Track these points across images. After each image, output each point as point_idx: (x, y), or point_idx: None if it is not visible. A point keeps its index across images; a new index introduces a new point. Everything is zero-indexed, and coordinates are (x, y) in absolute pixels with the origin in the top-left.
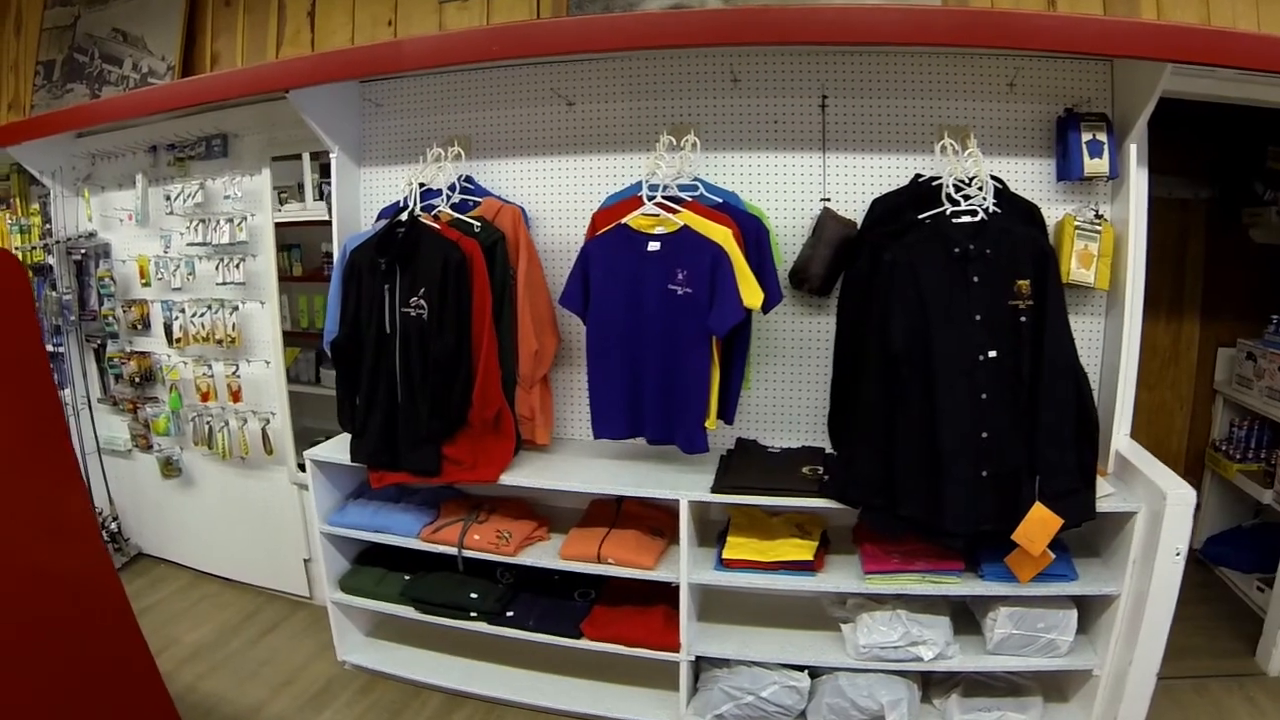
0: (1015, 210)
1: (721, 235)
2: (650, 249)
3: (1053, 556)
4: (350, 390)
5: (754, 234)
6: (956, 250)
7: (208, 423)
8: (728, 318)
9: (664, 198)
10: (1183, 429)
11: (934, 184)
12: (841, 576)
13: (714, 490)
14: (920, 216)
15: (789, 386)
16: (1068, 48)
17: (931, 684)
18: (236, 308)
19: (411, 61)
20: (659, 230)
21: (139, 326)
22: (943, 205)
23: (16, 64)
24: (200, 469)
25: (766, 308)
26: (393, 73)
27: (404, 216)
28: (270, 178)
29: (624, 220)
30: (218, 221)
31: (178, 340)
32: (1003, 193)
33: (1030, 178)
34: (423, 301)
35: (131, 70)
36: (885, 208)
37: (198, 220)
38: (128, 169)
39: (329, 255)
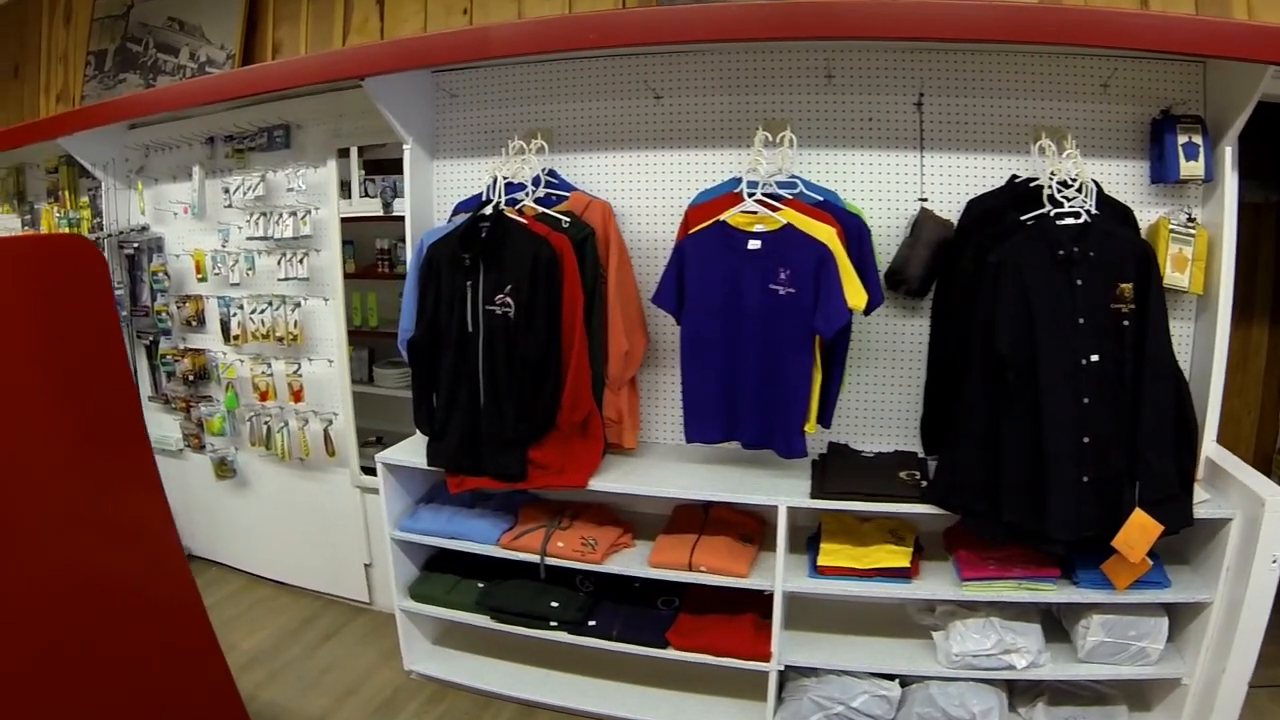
0: (1112, 212)
1: (826, 234)
2: (750, 247)
3: (1150, 564)
4: (427, 391)
5: (855, 233)
6: (1061, 253)
7: (266, 423)
8: (834, 319)
9: (764, 195)
10: (1250, 435)
11: (1031, 185)
12: (938, 583)
13: (814, 496)
14: (1023, 218)
15: (879, 390)
16: (1176, 48)
17: (1015, 692)
18: (299, 304)
19: (500, 48)
20: (759, 228)
21: (193, 323)
22: (1043, 207)
23: (66, 55)
24: (256, 470)
25: (869, 309)
26: (479, 60)
27: (488, 210)
28: (336, 170)
29: (722, 217)
30: (280, 215)
31: (235, 337)
32: (1099, 195)
33: (1122, 180)
34: (509, 299)
35: (189, 60)
36: (983, 209)
37: (258, 214)
38: (183, 161)
39: (382, 252)
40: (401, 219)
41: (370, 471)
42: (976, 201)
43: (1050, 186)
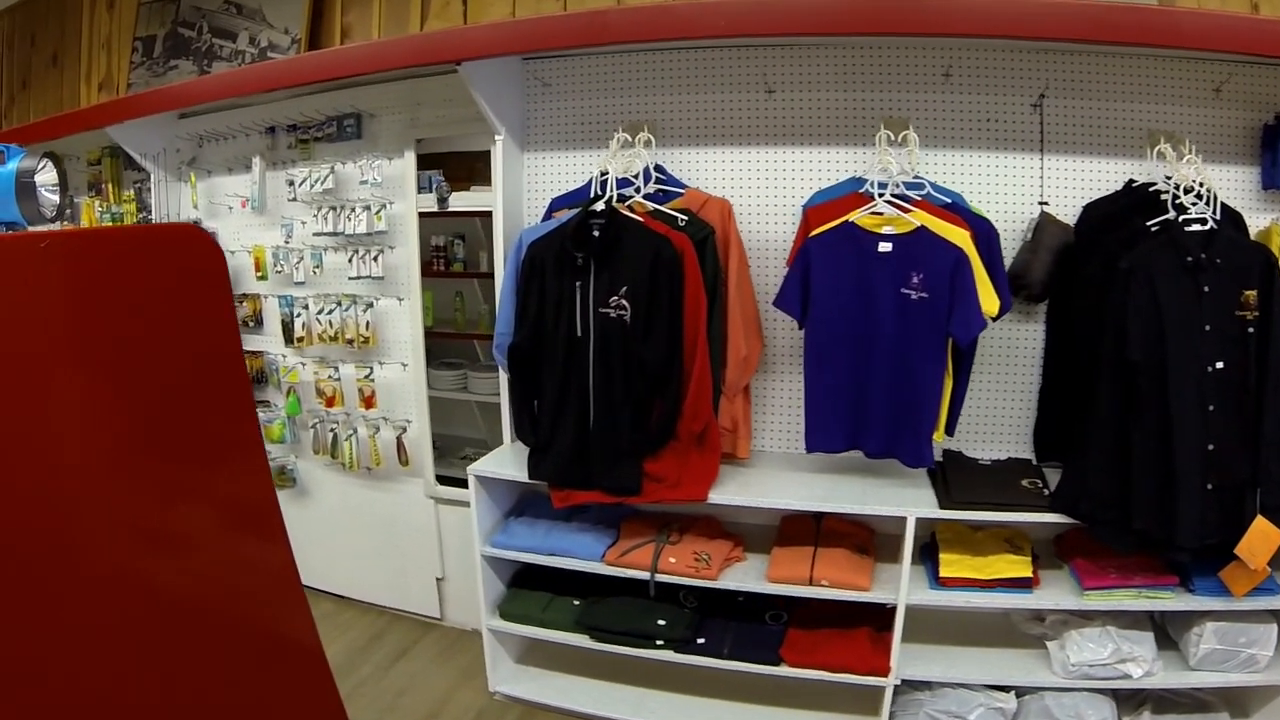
0: (1228, 218)
1: (960, 238)
2: (881, 250)
3: (1269, 571)
4: (528, 400)
5: (985, 236)
6: (1189, 259)
7: (332, 430)
8: (972, 325)
9: (892, 196)
10: None
11: (1150, 190)
12: (1059, 592)
13: (944, 506)
14: (1149, 224)
15: (991, 396)
16: None
17: (1119, 701)
18: (370, 304)
19: (617, 34)
20: (887, 230)
21: (250, 323)
22: (1164, 212)
23: (109, 41)
24: (318, 479)
25: (998, 315)
26: (593, 46)
27: (598, 207)
28: (414, 161)
29: (849, 218)
30: (353, 209)
31: (299, 339)
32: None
33: (1233, 185)
34: (624, 301)
35: (248, 45)
36: (1102, 213)
37: (327, 208)
38: (240, 151)
39: (438, 249)
40: (460, 214)
41: (447, 481)
42: (1094, 206)
43: (1173, 192)
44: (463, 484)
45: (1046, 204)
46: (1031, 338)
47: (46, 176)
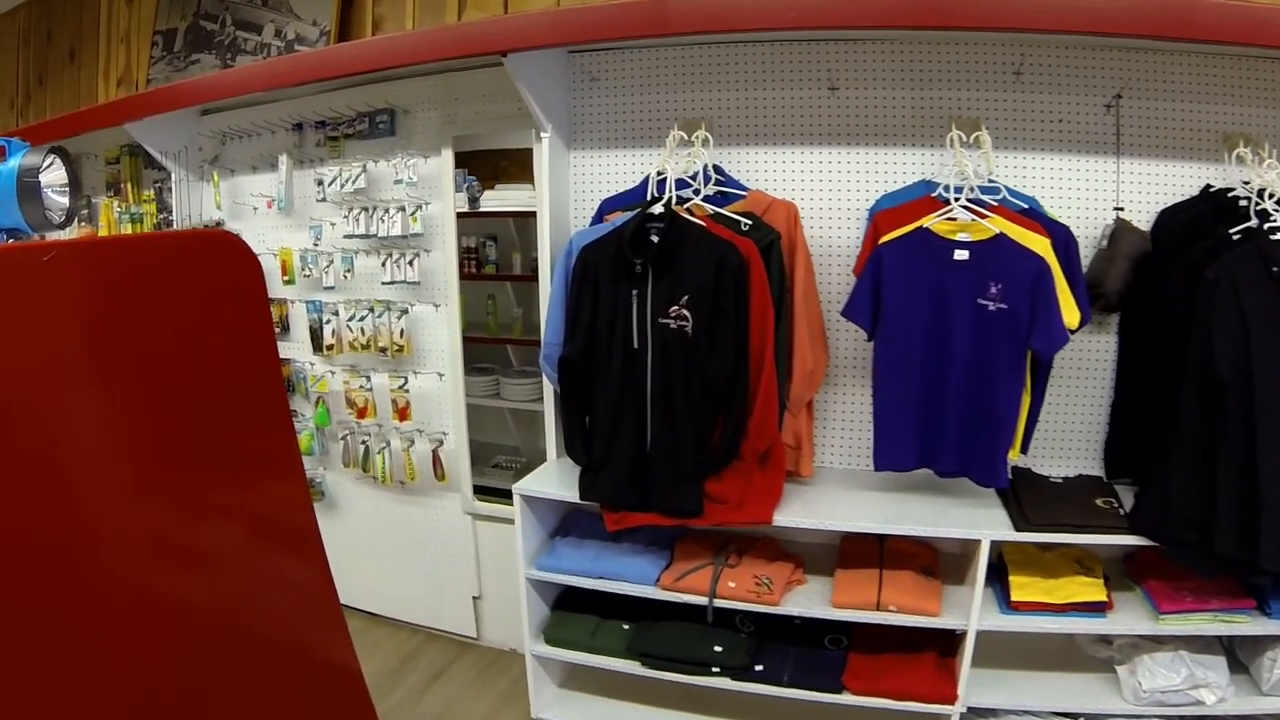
0: None
1: (1041, 245)
2: (957, 258)
3: None
4: (580, 415)
5: (1064, 244)
6: (1275, 269)
7: (363, 443)
8: (1055, 339)
9: (968, 200)
10: None
11: (1229, 195)
12: (1132, 616)
13: (1020, 528)
14: (1231, 232)
15: (1060, 410)
16: None
17: None
18: (405, 311)
19: (680, 24)
20: (962, 236)
21: (277, 329)
22: (1244, 219)
23: (128, 35)
24: (348, 493)
25: (1077, 327)
26: (651, 37)
27: (657, 210)
28: (451, 160)
29: (923, 223)
30: (387, 210)
31: (328, 347)
32: None
33: None
34: (686, 311)
35: (274, 37)
36: (1180, 220)
37: (358, 208)
38: (266, 149)
39: (469, 251)
40: (493, 215)
41: (482, 491)
42: (1170, 212)
43: (1253, 198)
44: (499, 493)
45: (1122, 209)
46: (1103, 349)
47: (53, 175)
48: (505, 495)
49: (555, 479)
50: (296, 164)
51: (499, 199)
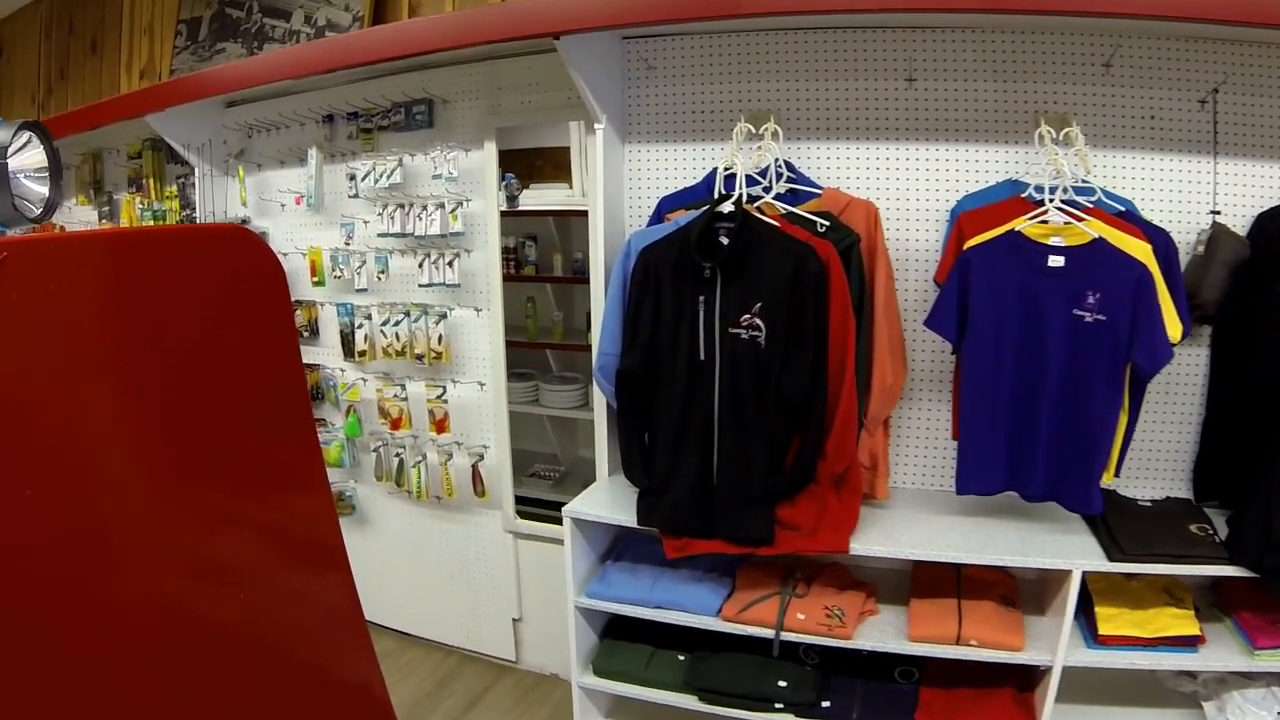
0: None
1: (1142, 251)
2: (1052, 264)
3: None
4: (638, 433)
5: (1163, 250)
6: None
7: (397, 455)
8: (1159, 354)
9: (1063, 201)
10: None
11: None
12: (1225, 651)
13: (1114, 558)
14: None
15: (1144, 428)
16: None
17: None
18: (444, 315)
19: (750, 5)
20: (1056, 241)
21: (305, 333)
22: None
23: (150, 26)
24: (380, 508)
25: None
26: (725, 18)
27: (726, 208)
28: (495, 154)
29: (1015, 226)
30: (425, 207)
31: (360, 353)
32: None
33: None
34: (758, 320)
35: (303, 24)
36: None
37: (394, 205)
38: (294, 142)
39: (508, 250)
40: (530, 214)
41: (524, 504)
42: (1270, 216)
43: None
44: (537, 503)
45: (1219, 213)
46: (1192, 363)
47: (29, 158)
48: (544, 506)
49: (608, 499)
50: (327, 158)
51: (538, 198)
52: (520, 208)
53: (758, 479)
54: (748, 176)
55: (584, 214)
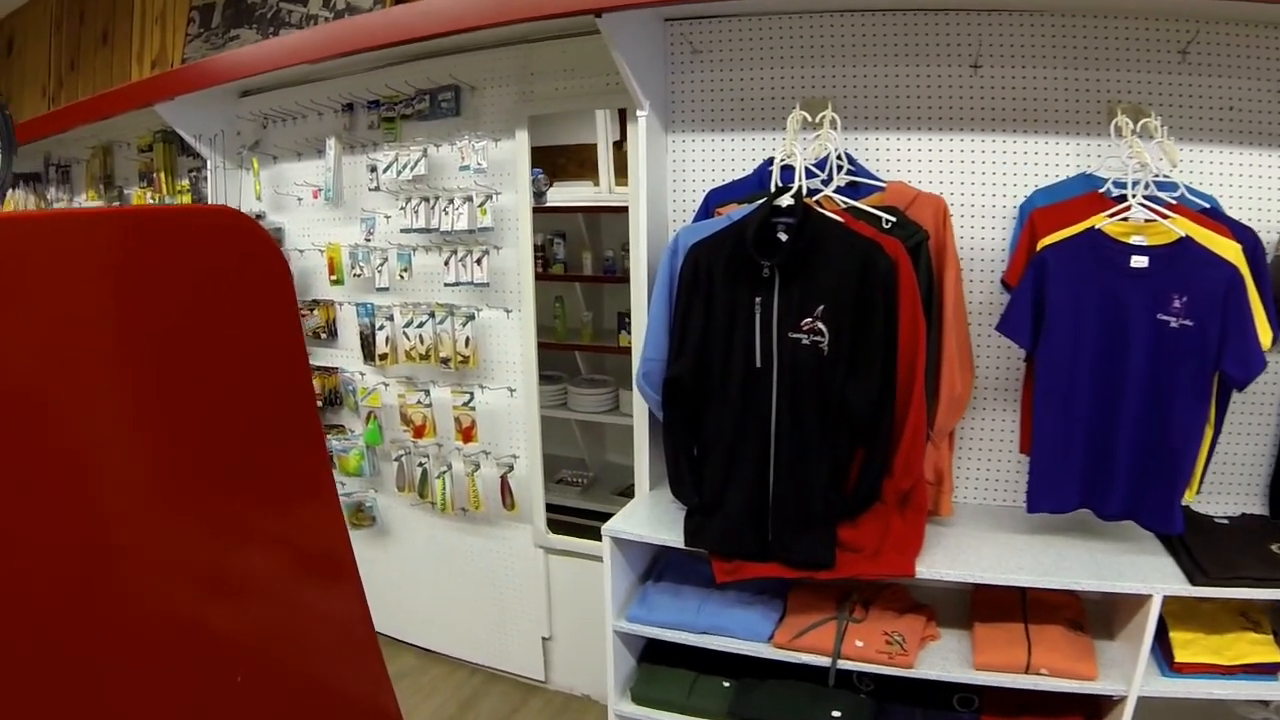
0: None
1: (1232, 252)
2: (1135, 265)
3: None
4: (686, 447)
5: (1252, 251)
6: None
7: (420, 465)
8: (1253, 362)
9: (1145, 198)
10: None
11: None
12: None
13: (1198, 582)
14: None
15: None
16: None
17: None
18: (471, 317)
19: None
20: (1137, 239)
21: (322, 334)
22: None
23: (163, 15)
24: (401, 519)
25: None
26: None
27: (785, 201)
28: (526, 143)
29: (1095, 224)
30: (451, 200)
31: (381, 357)
32: None
33: None
34: (821, 325)
35: (321, 8)
36: None
37: (417, 199)
38: (312, 133)
39: (537, 249)
40: (559, 210)
41: (556, 520)
42: None
43: None
44: (564, 510)
45: None
46: (1271, 371)
47: None
48: (571, 513)
49: (649, 516)
50: (347, 148)
51: (565, 195)
52: (547, 204)
53: (818, 497)
54: (807, 169)
55: (615, 210)
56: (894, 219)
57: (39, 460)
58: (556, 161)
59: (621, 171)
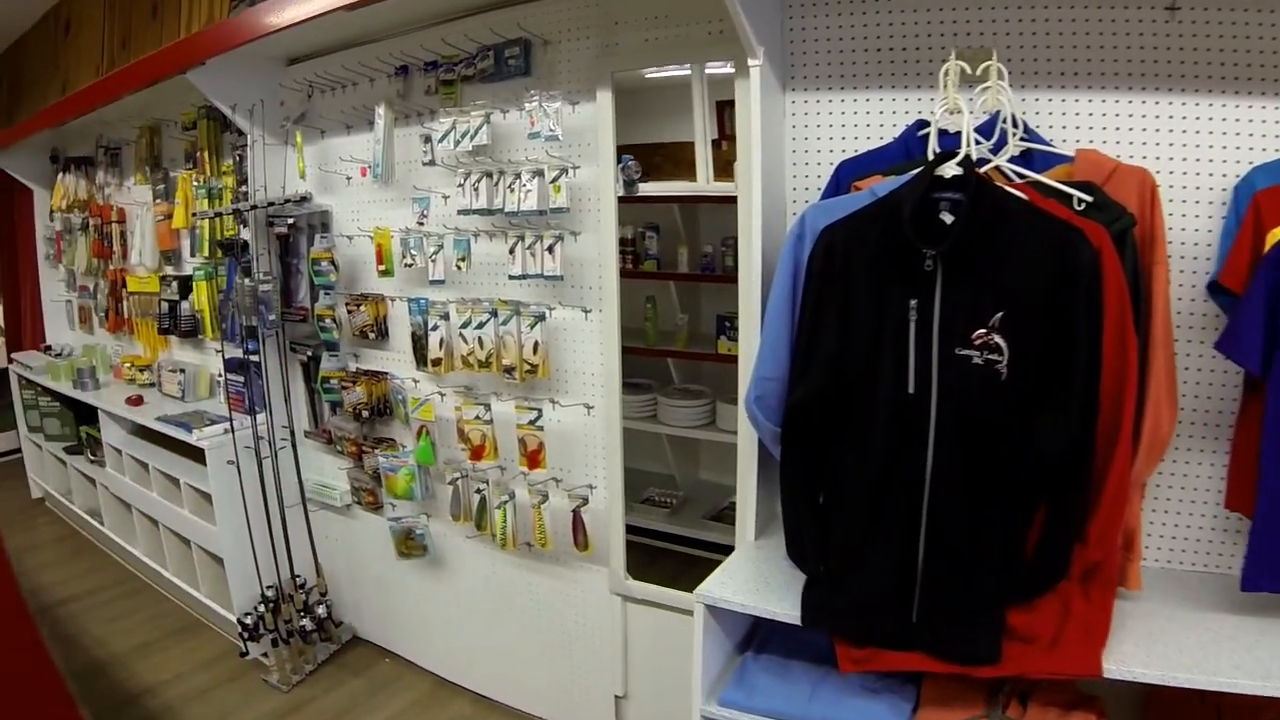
0: None
1: None
2: None
3: None
4: (809, 494)
5: None
6: None
7: (479, 491)
8: None
9: None
10: None
11: None
12: None
13: None
14: None
15: None
16: None
17: None
18: (542, 317)
19: None
20: None
21: (371, 334)
22: None
23: None
24: (457, 549)
25: None
26: None
27: (950, 171)
28: (610, 106)
29: None
30: (517, 176)
31: (435, 362)
32: None
33: None
34: (998, 338)
35: None
36: None
37: (478, 173)
38: (362, 101)
39: (625, 243)
40: (651, 200)
41: (635, 534)
42: None
43: None
44: (648, 533)
45: None
46: None
47: None
48: (659, 537)
49: (752, 577)
50: (400, 117)
51: (660, 187)
52: (639, 194)
53: (988, 571)
54: (952, 134)
55: (715, 200)
56: (1089, 198)
57: None
58: (651, 160)
59: (722, 170)
